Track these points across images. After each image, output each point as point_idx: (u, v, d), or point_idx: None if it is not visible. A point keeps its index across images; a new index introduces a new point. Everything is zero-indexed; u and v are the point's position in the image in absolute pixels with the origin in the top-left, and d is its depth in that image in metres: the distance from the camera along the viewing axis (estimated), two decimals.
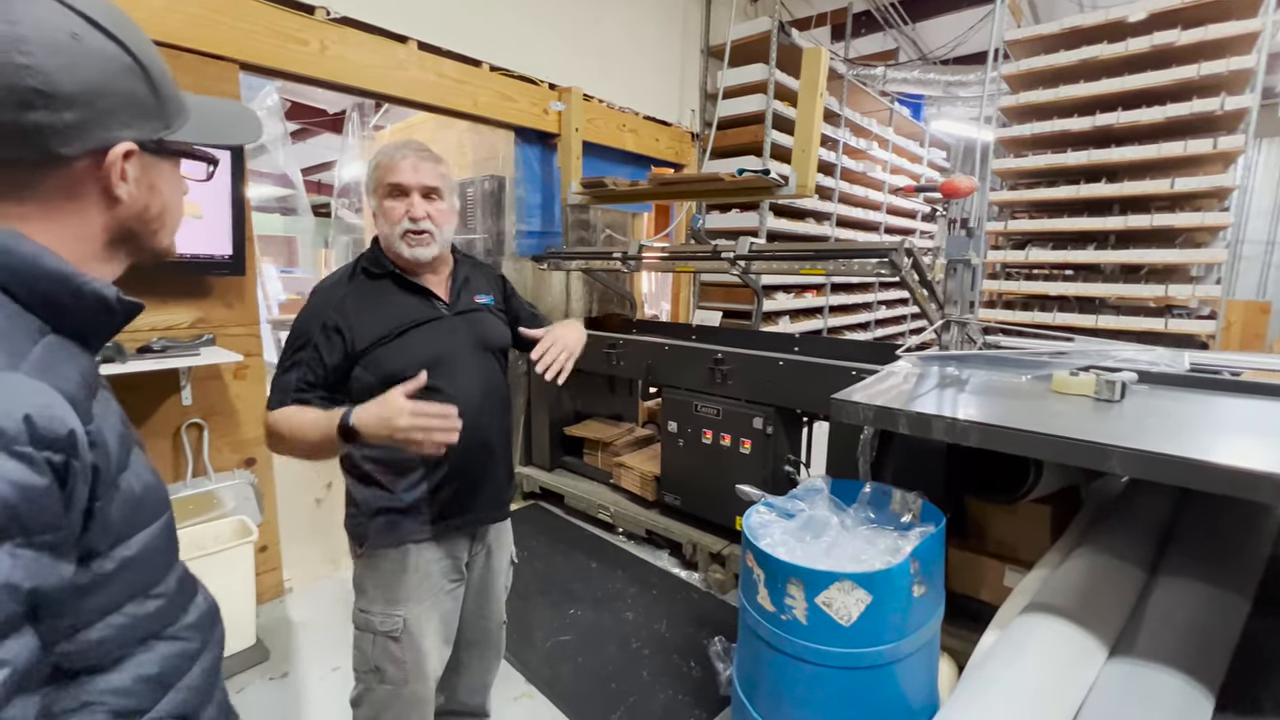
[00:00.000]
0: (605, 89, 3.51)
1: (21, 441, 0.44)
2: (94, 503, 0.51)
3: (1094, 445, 1.06)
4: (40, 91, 0.49)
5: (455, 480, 1.29)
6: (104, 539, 0.53)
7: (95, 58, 0.53)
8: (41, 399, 0.46)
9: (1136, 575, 1.43)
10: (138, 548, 0.57)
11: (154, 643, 0.59)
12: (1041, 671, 1.16)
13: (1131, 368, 1.57)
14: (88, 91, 0.52)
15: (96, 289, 0.54)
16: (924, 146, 6.41)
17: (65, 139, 0.51)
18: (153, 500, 0.60)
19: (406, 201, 1.22)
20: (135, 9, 1.84)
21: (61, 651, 0.51)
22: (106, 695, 0.54)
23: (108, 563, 0.53)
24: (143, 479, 0.59)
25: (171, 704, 0.60)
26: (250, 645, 2.05)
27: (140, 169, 0.58)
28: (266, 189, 5.01)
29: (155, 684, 0.59)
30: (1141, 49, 3.05)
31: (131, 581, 0.57)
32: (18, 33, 0.48)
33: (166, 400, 2.06)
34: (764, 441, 2.39)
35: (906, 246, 2.04)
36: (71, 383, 0.51)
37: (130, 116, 0.56)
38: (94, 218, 0.56)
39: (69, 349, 0.54)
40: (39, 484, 0.45)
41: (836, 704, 1.23)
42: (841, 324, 5.32)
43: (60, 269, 0.52)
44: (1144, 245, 3.26)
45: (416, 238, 1.22)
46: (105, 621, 0.54)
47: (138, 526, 0.57)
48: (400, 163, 1.22)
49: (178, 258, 1.93)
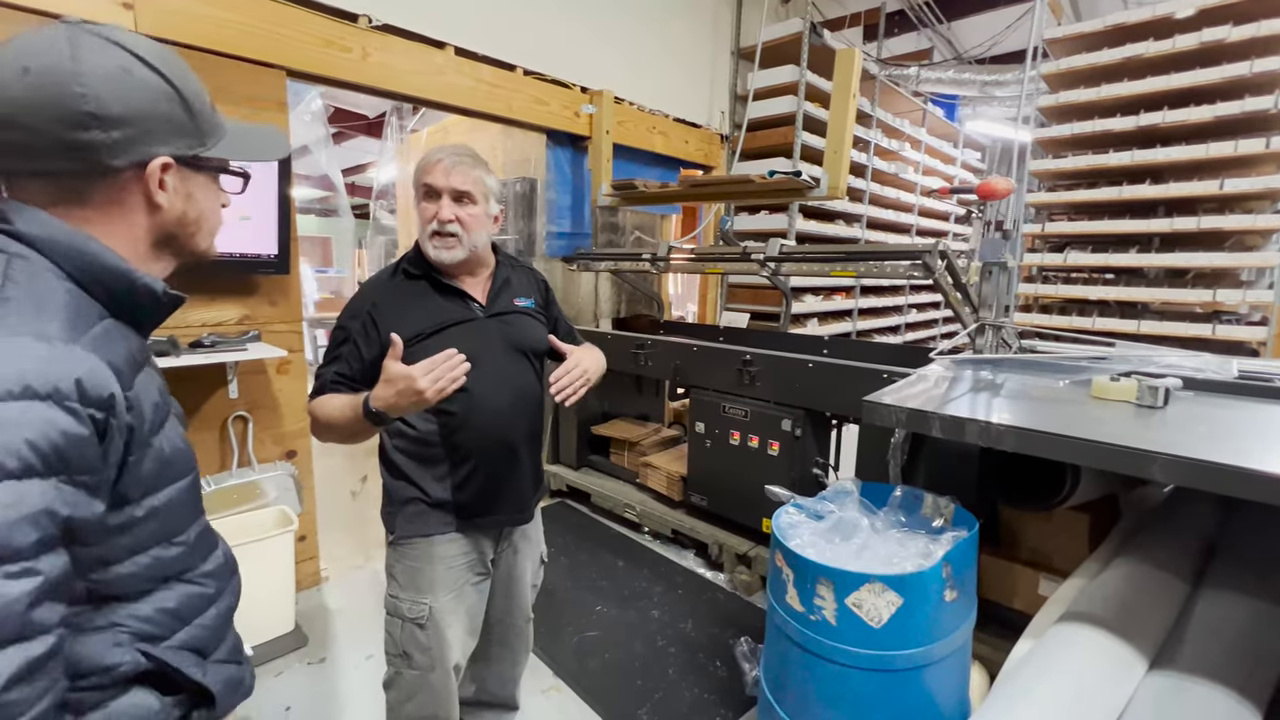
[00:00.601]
0: (635, 91, 3.54)
1: (72, 399, 0.54)
2: (128, 456, 0.61)
3: (1136, 451, 1.04)
4: (94, 115, 0.60)
5: (479, 479, 1.31)
6: (136, 489, 0.63)
7: (141, 88, 0.63)
8: (91, 366, 0.56)
9: (1179, 587, 1.39)
10: (164, 500, 0.67)
11: (175, 583, 0.70)
12: (1078, 681, 1.13)
13: (1176, 374, 1.53)
14: (133, 114, 0.63)
15: (148, 283, 0.66)
16: (958, 147, 6.29)
17: (113, 153, 0.62)
18: (180, 461, 0.70)
19: (437, 204, 1.24)
20: (197, 24, 1.94)
21: (95, 579, 0.61)
22: (129, 619, 0.65)
23: (138, 510, 0.64)
24: (173, 443, 0.69)
25: (187, 636, 0.70)
26: (290, 631, 2.12)
27: (178, 180, 0.68)
28: (305, 190, 5.17)
29: (173, 617, 0.69)
30: (1190, 46, 2.95)
31: (157, 528, 0.67)
32: (78, 68, 0.59)
33: (215, 393, 2.15)
34: (792, 444, 2.38)
35: (941, 248, 2.01)
36: (120, 357, 0.61)
37: (168, 135, 0.66)
38: (139, 221, 0.67)
39: (123, 331, 0.65)
40: (83, 434, 0.55)
41: (865, 706, 1.23)
42: (870, 327, 5.25)
43: (120, 266, 0.64)
44: (1190, 248, 3.15)
45: (441, 240, 1.25)
46: (133, 559, 0.65)
47: (165, 482, 0.67)
48: (435, 165, 1.25)
49: (226, 257, 2.03)
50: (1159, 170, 3.20)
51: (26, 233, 0.60)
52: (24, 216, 0.60)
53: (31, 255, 0.60)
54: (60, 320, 0.57)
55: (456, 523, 1.31)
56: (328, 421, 1.19)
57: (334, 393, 1.22)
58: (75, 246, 0.61)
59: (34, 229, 0.60)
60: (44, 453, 0.52)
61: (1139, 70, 3.14)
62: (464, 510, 1.32)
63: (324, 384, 1.24)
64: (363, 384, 1.23)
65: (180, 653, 0.69)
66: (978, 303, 2.06)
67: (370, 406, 1.09)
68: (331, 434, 1.21)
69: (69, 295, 0.60)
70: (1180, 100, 3.05)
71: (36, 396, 0.52)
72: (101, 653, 0.62)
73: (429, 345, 1.22)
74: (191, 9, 1.91)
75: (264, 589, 2.03)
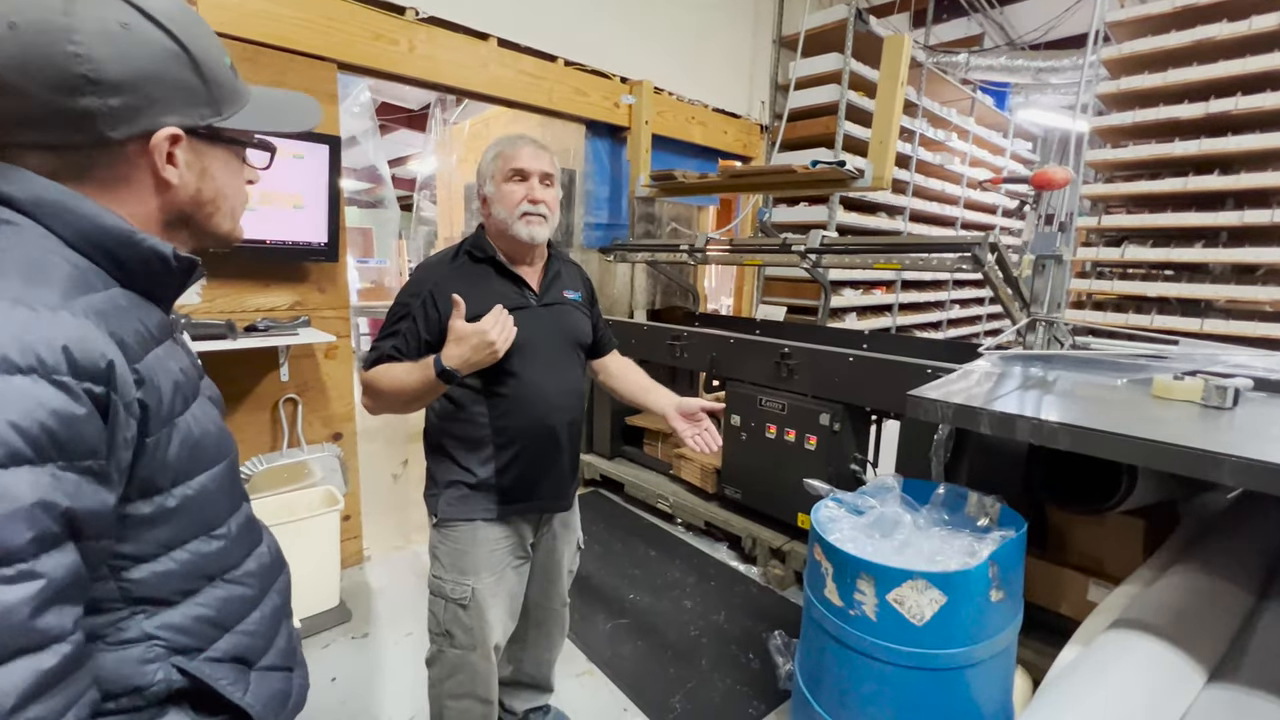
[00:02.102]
0: (675, 81, 3.52)
1: (61, 371, 0.47)
2: (145, 437, 0.55)
3: (1203, 453, 0.99)
4: (88, 78, 0.52)
5: (522, 464, 1.34)
6: (164, 475, 0.57)
7: (143, 46, 0.55)
8: (79, 332, 0.49)
9: (1242, 598, 1.32)
10: (198, 488, 0.61)
11: (214, 585, 0.63)
12: (1129, 691, 1.09)
13: (1245, 374, 1.45)
14: (134, 78, 0.55)
15: (154, 245, 0.58)
16: (1007, 137, 6.06)
17: (113, 123, 0.55)
18: (212, 446, 0.64)
19: (526, 185, 1.29)
20: (254, 19, 2.01)
21: (129, 579, 0.56)
22: (163, 630, 0.58)
23: (170, 499, 0.58)
24: (202, 425, 0.63)
25: (230, 645, 0.64)
26: (335, 606, 2.21)
27: (192, 154, 0.61)
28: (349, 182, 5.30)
29: (212, 624, 0.62)
30: (1267, 27, 2.77)
31: (194, 519, 0.61)
32: (70, 23, 0.51)
33: (267, 376, 2.24)
34: (830, 438, 2.35)
35: (991, 240, 1.95)
36: (126, 328, 0.55)
37: (177, 103, 0.58)
38: (148, 199, 0.60)
39: (136, 301, 0.58)
40: (78, 412, 0.47)
41: (905, 704, 1.21)
42: (911, 323, 5.13)
43: (120, 226, 0.56)
44: (1262, 243, 2.97)
45: (535, 219, 1.29)
46: (170, 555, 0.59)
47: (199, 467, 0.62)
48: (522, 149, 1.30)
49: (280, 244, 2.11)
50: (1229, 160, 3.02)
51: (12, 195, 0.53)
52: (8, 178, 0.53)
53: (22, 221, 0.53)
54: (50, 287, 0.50)
55: (498, 508, 1.34)
56: (390, 386, 1.22)
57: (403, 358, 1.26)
58: (68, 207, 0.54)
59: (19, 191, 0.53)
60: (32, 436, 0.45)
61: (1210, 54, 2.96)
62: (506, 495, 1.34)
63: (381, 355, 1.27)
64: (418, 356, 1.26)
65: (221, 665, 0.62)
66: (1029, 298, 1.99)
67: (443, 364, 1.15)
68: (389, 400, 1.24)
69: (67, 264, 0.53)
70: (1255, 85, 2.87)
71: (17, 370, 0.45)
72: (131, 671, 0.56)
73: None
74: (248, 4, 1.98)
75: (311, 565, 2.11)
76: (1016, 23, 5.48)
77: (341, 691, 1.87)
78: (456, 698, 1.40)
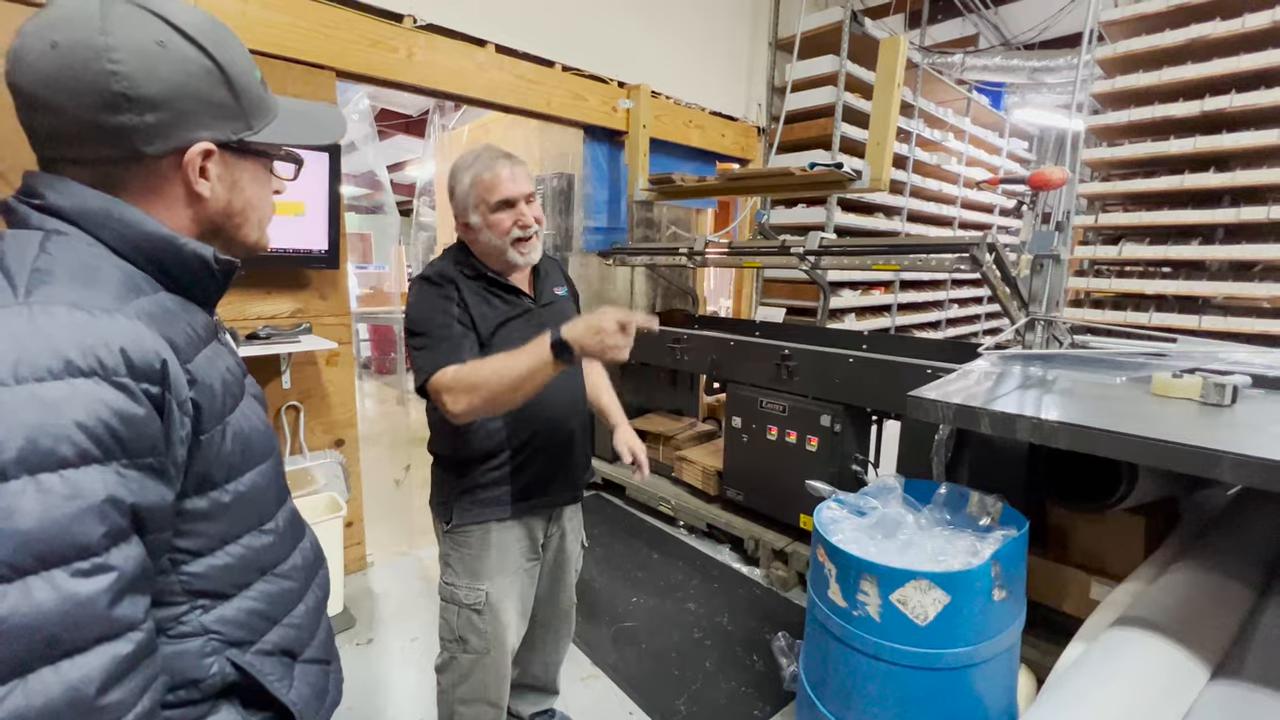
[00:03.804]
0: (672, 85, 3.53)
1: (120, 373, 0.49)
2: (199, 435, 0.57)
3: (1202, 450, 1.00)
4: (126, 95, 0.54)
5: (536, 463, 1.34)
6: (219, 471, 0.60)
7: (179, 64, 0.57)
8: (135, 334, 0.51)
9: (1244, 594, 1.33)
10: (249, 484, 0.63)
11: (265, 579, 0.66)
12: (1133, 688, 1.10)
13: (1244, 371, 1.45)
14: (170, 95, 0.56)
15: (196, 249, 0.60)
16: (1004, 137, 6.07)
17: (149, 139, 0.56)
18: (261, 442, 0.66)
19: (514, 212, 1.27)
20: (253, 27, 2.01)
21: (189, 572, 0.58)
22: (219, 623, 0.60)
23: (224, 495, 0.60)
24: (251, 422, 0.65)
25: (279, 636, 0.66)
26: (339, 612, 2.21)
27: (223, 167, 0.62)
28: (349, 188, 5.31)
29: (263, 617, 0.64)
30: (1261, 25, 2.78)
31: (247, 514, 0.63)
32: (108, 42, 0.53)
33: (269, 383, 2.25)
34: (831, 439, 2.36)
35: (989, 240, 1.96)
36: (175, 330, 0.57)
37: (210, 118, 0.60)
38: (180, 211, 0.61)
39: (182, 304, 0.61)
40: (138, 412, 0.50)
41: (909, 704, 1.21)
42: (910, 323, 5.13)
43: (162, 232, 0.58)
44: (1258, 240, 2.98)
45: (527, 244, 1.29)
46: (226, 549, 0.61)
47: (249, 464, 0.64)
48: (500, 175, 1.26)
49: (280, 252, 2.11)
50: (1225, 157, 3.04)
51: (59, 205, 0.55)
52: (55, 188, 0.55)
53: (70, 230, 0.55)
54: (103, 291, 0.52)
55: (511, 508, 1.34)
56: (491, 374, 1.10)
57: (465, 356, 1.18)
58: (112, 214, 0.56)
59: (64, 201, 0.55)
60: (98, 435, 0.47)
61: (1204, 52, 2.98)
62: (521, 493, 1.34)
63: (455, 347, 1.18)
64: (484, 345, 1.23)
65: (269, 658, 0.64)
66: (1027, 297, 2.00)
67: (561, 336, 1.05)
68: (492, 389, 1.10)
69: (116, 269, 0.55)
70: (1250, 83, 2.89)
71: (80, 373, 0.47)
72: (190, 664, 0.58)
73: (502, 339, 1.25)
74: (247, 11, 1.99)
75: None
76: (1011, 23, 5.51)
77: (346, 698, 1.85)
78: (468, 703, 1.40)
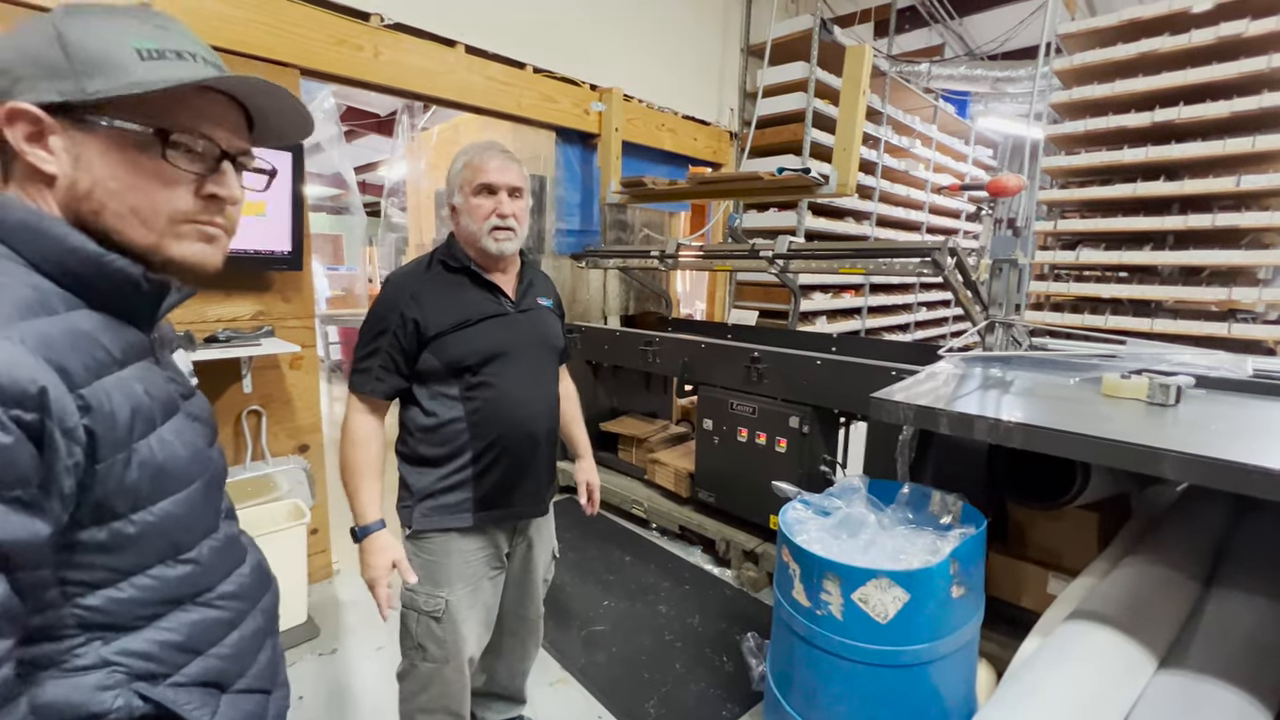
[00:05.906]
0: (645, 89, 3.54)
1: None
2: (95, 463, 0.52)
3: (1145, 449, 1.04)
4: None
5: (499, 471, 1.33)
6: (121, 501, 0.54)
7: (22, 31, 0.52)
8: (6, 359, 0.46)
9: (1190, 586, 1.38)
10: (162, 513, 0.58)
11: (187, 607, 0.61)
12: (1086, 679, 1.13)
13: (1189, 372, 1.51)
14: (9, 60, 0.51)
15: (121, 267, 0.56)
16: (969, 144, 6.24)
17: None
18: (179, 470, 0.60)
19: (495, 200, 1.28)
20: (211, 21, 1.96)
21: (85, 605, 0.54)
22: (124, 656, 0.56)
23: (129, 526, 0.55)
24: (172, 448, 0.59)
25: (201, 668, 0.61)
26: (302, 622, 2.15)
27: (68, 140, 0.54)
28: (316, 188, 5.22)
29: (180, 649, 0.60)
30: (1207, 41, 2.92)
31: (157, 546, 0.58)
32: None
33: (229, 388, 2.18)
34: (800, 441, 2.38)
35: (950, 246, 2.00)
36: (77, 353, 0.51)
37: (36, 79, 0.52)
38: (44, 196, 0.55)
39: (105, 323, 0.56)
40: (4, 440, 0.45)
41: (872, 701, 1.23)
42: (880, 325, 5.23)
43: (84, 248, 0.54)
44: (1206, 246, 3.12)
45: (503, 233, 1.29)
46: (130, 582, 0.56)
47: (163, 492, 0.58)
48: (490, 162, 1.28)
49: (241, 253, 2.06)
50: (1174, 167, 3.17)
51: None
52: None
53: None
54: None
55: (474, 516, 1.33)
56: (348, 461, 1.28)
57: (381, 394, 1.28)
58: (31, 228, 0.52)
59: None
60: None
61: (1154, 65, 3.11)
62: (482, 503, 1.33)
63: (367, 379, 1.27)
64: (402, 377, 1.28)
65: (189, 690, 0.60)
66: (988, 300, 2.05)
67: (358, 535, 1.27)
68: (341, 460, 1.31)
69: (25, 287, 0.51)
70: (1196, 96, 3.02)
71: None
72: (86, 698, 0.53)
73: (467, 335, 1.27)
74: (205, 6, 1.94)
75: None
76: (975, 33, 5.67)
77: (310, 710, 1.82)
78: (428, 712, 1.38)
